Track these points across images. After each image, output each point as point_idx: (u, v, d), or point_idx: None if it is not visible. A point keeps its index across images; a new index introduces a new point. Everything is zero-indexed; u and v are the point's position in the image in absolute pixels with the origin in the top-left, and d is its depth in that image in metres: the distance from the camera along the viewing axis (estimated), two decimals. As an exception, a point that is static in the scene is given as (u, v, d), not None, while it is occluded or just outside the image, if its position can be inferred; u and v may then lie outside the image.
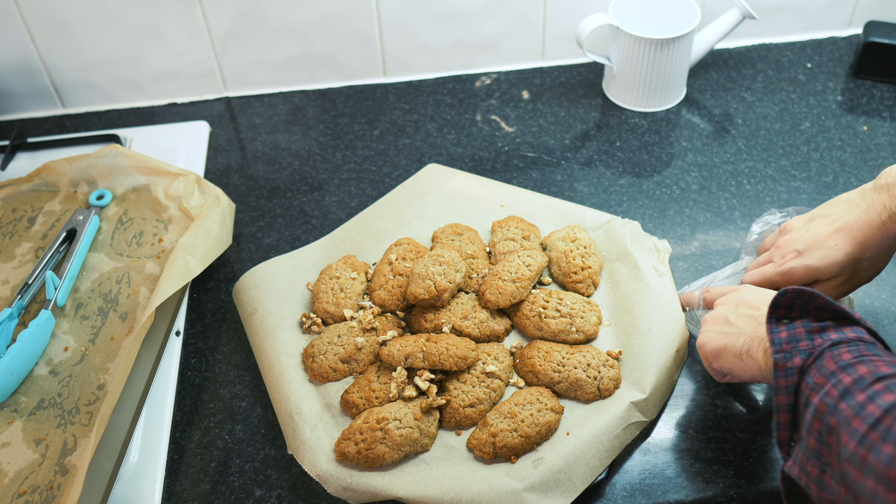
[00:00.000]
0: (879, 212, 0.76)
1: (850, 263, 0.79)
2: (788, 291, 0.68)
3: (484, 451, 0.80)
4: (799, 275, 0.81)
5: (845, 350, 0.64)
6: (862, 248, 0.78)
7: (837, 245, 0.79)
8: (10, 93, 1.22)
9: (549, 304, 0.90)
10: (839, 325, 0.68)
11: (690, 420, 0.85)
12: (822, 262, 0.80)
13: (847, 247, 0.78)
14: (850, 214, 0.78)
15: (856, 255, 0.79)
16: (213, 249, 0.96)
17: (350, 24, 1.19)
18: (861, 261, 0.79)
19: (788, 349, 0.67)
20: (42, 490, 0.79)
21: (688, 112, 1.19)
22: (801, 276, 0.81)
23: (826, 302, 0.68)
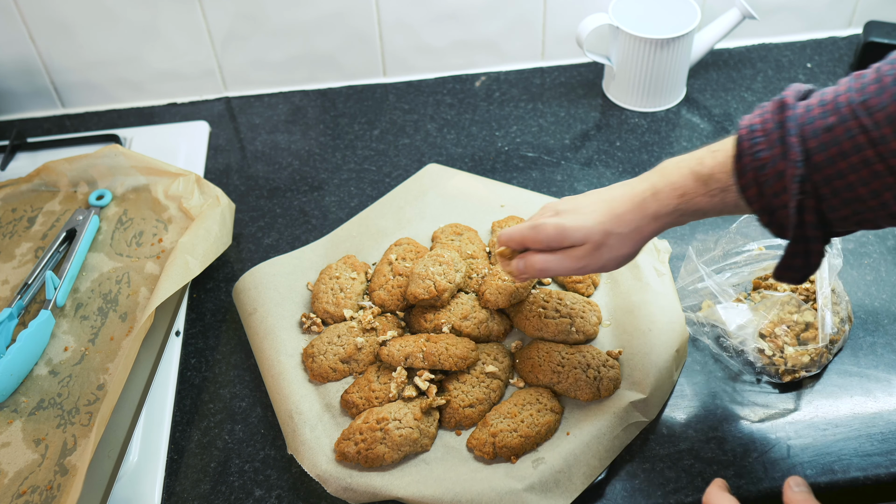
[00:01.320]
0: (644, 189, 0.73)
1: (598, 233, 0.74)
2: None
3: (484, 451, 0.80)
4: (547, 230, 0.76)
5: None
6: (616, 220, 0.73)
7: (594, 212, 0.74)
8: (10, 93, 1.22)
9: (549, 304, 0.90)
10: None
11: (690, 420, 0.85)
12: (572, 223, 0.74)
13: (601, 215, 0.74)
14: (617, 189, 0.75)
15: (606, 227, 0.73)
16: (213, 249, 0.96)
17: (350, 24, 1.19)
18: (611, 234, 0.73)
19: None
20: (42, 490, 0.79)
21: (688, 112, 1.19)
22: (548, 233, 0.75)
23: None
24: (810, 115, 0.63)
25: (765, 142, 0.65)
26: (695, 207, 0.70)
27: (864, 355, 0.89)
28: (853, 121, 0.60)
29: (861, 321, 0.92)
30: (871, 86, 0.60)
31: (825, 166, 0.62)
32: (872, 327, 0.91)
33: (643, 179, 0.73)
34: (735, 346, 0.88)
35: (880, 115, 0.58)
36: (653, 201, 0.72)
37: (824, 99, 0.64)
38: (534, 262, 0.78)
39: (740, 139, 0.66)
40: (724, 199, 0.69)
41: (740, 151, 0.66)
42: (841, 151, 0.60)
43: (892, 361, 0.88)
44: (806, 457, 0.81)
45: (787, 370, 0.86)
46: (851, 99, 0.61)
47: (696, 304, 0.91)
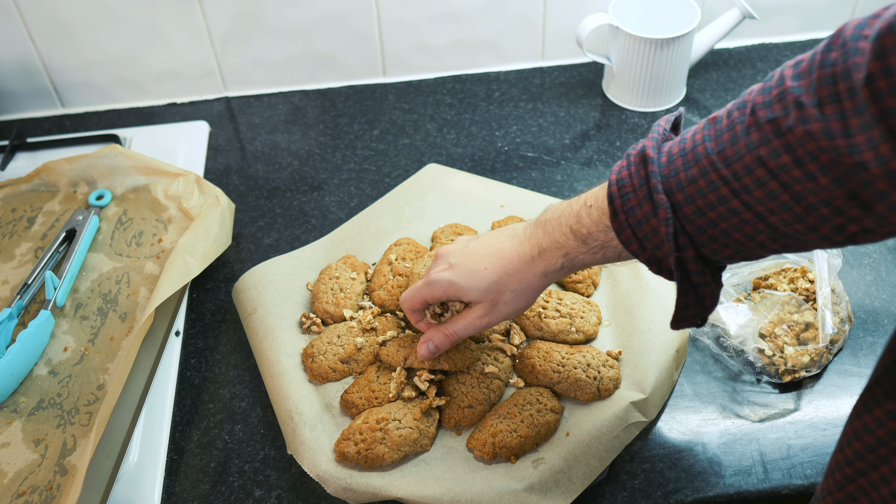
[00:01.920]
0: (532, 246, 0.73)
1: (493, 292, 0.75)
2: None
3: (484, 451, 0.80)
4: (442, 287, 0.77)
5: None
6: (508, 278, 0.74)
7: (486, 269, 0.74)
8: (9, 93, 1.22)
9: (548, 304, 0.90)
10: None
11: (690, 420, 0.85)
12: (466, 280, 0.75)
13: (494, 274, 0.74)
14: (507, 243, 0.75)
15: (500, 285, 0.74)
16: (213, 249, 0.96)
17: (350, 24, 1.19)
18: (504, 292, 0.74)
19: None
20: (42, 490, 0.79)
21: (688, 112, 1.19)
22: (443, 289, 0.77)
23: None
24: (673, 166, 0.63)
25: (634, 198, 0.64)
26: (580, 263, 0.72)
27: (864, 355, 0.89)
28: (713, 173, 0.59)
29: (861, 321, 0.92)
30: (724, 133, 0.59)
31: (695, 217, 0.61)
32: (872, 327, 0.91)
33: (530, 235, 0.74)
34: (735, 346, 0.88)
35: (738, 166, 0.57)
36: (540, 260, 0.73)
37: (684, 147, 0.63)
38: (440, 339, 0.80)
39: (611, 196, 0.66)
40: (605, 254, 0.69)
41: (614, 209, 0.66)
42: (707, 203, 0.60)
43: (891, 361, 0.88)
44: (806, 457, 0.81)
45: (787, 370, 0.86)
46: (708, 149, 0.60)
47: None
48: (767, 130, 0.55)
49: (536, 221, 0.74)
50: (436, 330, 0.81)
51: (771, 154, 0.55)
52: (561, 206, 0.72)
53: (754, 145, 0.56)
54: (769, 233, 0.59)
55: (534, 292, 0.75)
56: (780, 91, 0.56)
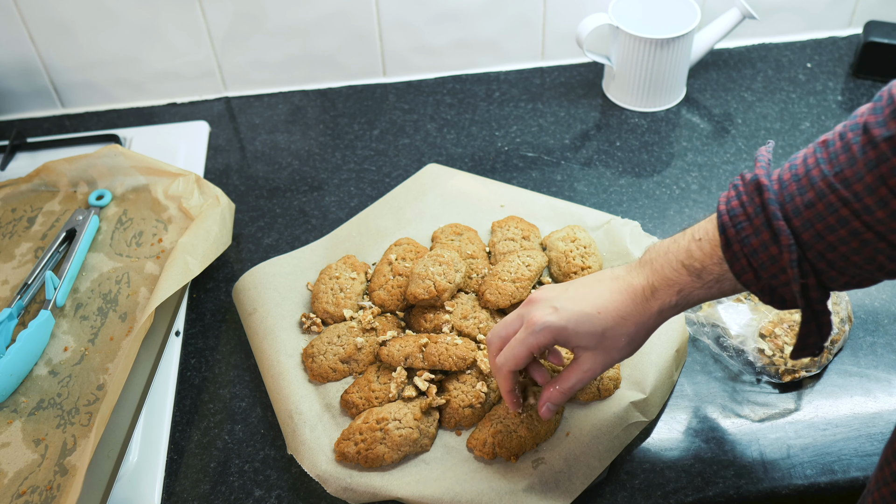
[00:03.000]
0: (644, 287, 0.70)
1: (608, 337, 0.71)
2: None
3: (484, 451, 0.80)
4: (551, 333, 0.71)
5: None
6: (624, 322, 0.71)
7: (600, 313, 0.70)
8: (9, 93, 1.22)
9: (548, 304, 0.90)
10: None
11: (690, 420, 0.85)
12: (578, 326, 0.71)
13: (609, 319, 0.70)
14: (613, 285, 0.71)
15: (616, 330, 0.71)
16: (213, 249, 0.96)
17: (350, 24, 1.19)
18: (620, 337, 0.71)
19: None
20: (42, 490, 0.79)
21: (688, 112, 1.19)
22: (553, 335, 0.71)
23: None
24: (787, 191, 0.62)
25: (749, 227, 0.64)
26: (695, 299, 0.69)
27: (864, 355, 0.89)
28: (832, 195, 0.59)
29: (861, 321, 0.92)
30: (840, 155, 0.59)
31: (815, 242, 0.61)
32: (872, 327, 0.91)
33: (638, 275, 0.71)
34: (735, 346, 0.88)
35: (859, 187, 0.57)
36: (654, 300, 0.70)
37: (797, 173, 0.62)
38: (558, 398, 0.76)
39: (723, 226, 0.65)
40: (720, 287, 0.68)
41: (727, 239, 0.65)
42: (827, 226, 0.60)
43: (892, 361, 0.88)
44: (806, 457, 0.81)
45: (787, 370, 0.86)
46: (824, 172, 0.60)
47: None
48: (884, 148, 0.55)
49: (640, 262, 0.72)
50: (552, 391, 0.76)
51: (892, 171, 0.55)
52: (665, 244, 0.70)
53: (873, 164, 0.56)
54: (889, 252, 0.59)
55: (647, 335, 0.73)
56: (891, 109, 0.56)
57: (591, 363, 0.73)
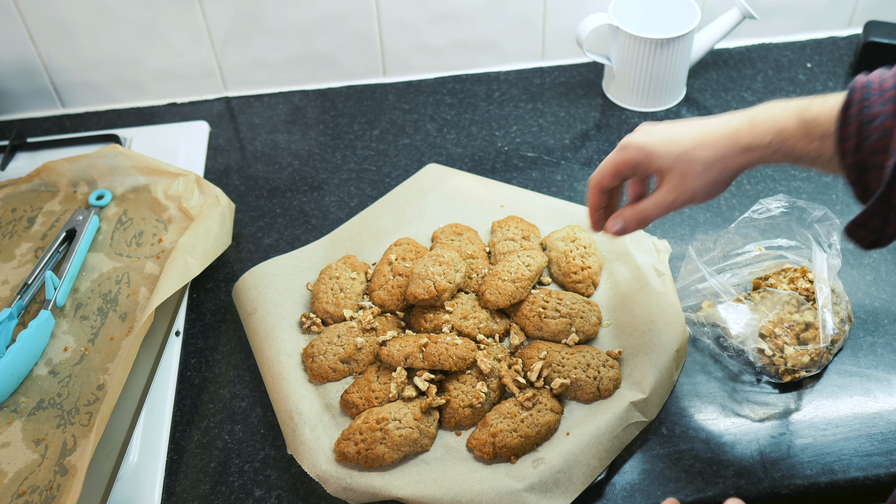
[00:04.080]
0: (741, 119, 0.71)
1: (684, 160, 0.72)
2: None
3: (484, 451, 0.80)
4: (634, 150, 0.75)
5: None
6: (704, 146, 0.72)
7: (683, 135, 0.72)
8: (9, 93, 1.22)
9: (548, 304, 0.90)
10: None
11: (690, 420, 0.85)
12: (660, 145, 0.73)
13: (689, 141, 0.72)
14: (715, 118, 0.73)
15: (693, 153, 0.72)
16: (213, 249, 0.96)
17: (350, 24, 1.19)
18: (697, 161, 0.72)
19: None
20: (42, 490, 0.79)
21: (688, 112, 1.19)
22: (635, 153, 0.74)
23: None
24: None
25: (878, 98, 0.64)
26: (788, 149, 0.69)
27: (864, 355, 0.89)
28: None
29: (861, 321, 0.92)
30: None
31: None
32: (872, 327, 0.91)
33: (742, 113, 0.71)
34: (735, 346, 0.88)
35: None
36: (747, 132, 0.70)
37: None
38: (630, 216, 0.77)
39: (852, 90, 0.66)
40: (820, 147, 0.67)
41: (849, 101, 0.65)
42: None
43: (892, 361, 0.88)
44: (806, 457, 0.81)
45: (787, 370, 0.86)
46: None
47: (697, 304, 0.91)
48: None
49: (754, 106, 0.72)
50: (628, 208, 0.77)
51: None
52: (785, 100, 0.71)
53: None
54: None
55: (725, 169, 0.72)
56: None
57: (667, 189, 0.74)
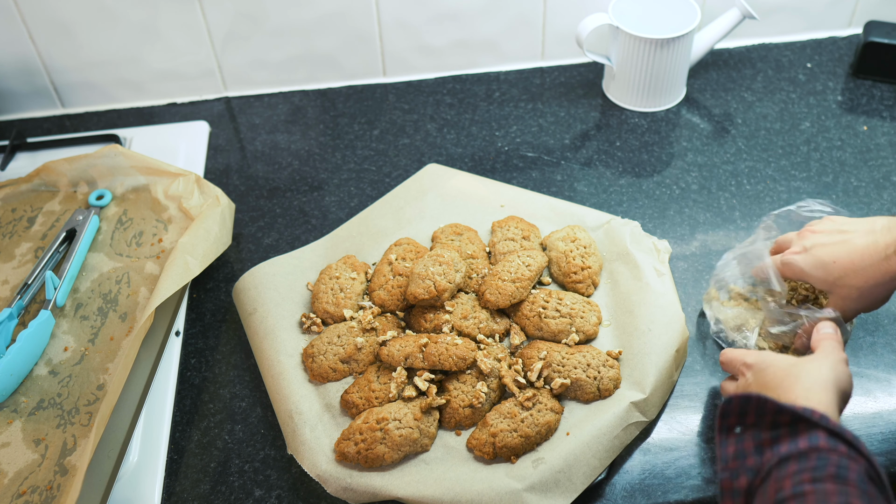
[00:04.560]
0: (886, 245, 0.75)
1: (840, 286, 0.79)
2: (734, 399, 0.65)
3: (484, 451, 0.80)
4: (794, 271, 0.82)
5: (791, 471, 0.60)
6: (855, 276, 0.77)
7: (835, 262, 0.78)
8: (9, 93, 1.22)
9: (548, 304, 0.90)
10: (795, 431, 0.63)
11: (690, 420, 0.85)
12: (814, 270, 0.80)
13: (840, 269, 0.78)
14: (861, 239, 0.77)
15: (846, 281, 0.78)
16: (213, 249, 0.96)
17: (350, 24, 1.19)
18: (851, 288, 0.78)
19: (735, 466, 0.64)
20: (42, 490, 0.79)
21: (688, 112, 1.19)
22: (795, 274, 0.82)
23: (779, 406, 0.63)
24: None
25: None
26: None
27: (864, 355, 0.89)
28: None
29: (861, 321, 0.92)
30: None
31: None
32: (872, 327, 0.91)
33: (889, 232, 0.75)
34: (736, 346, 0.88)
35: None
36: (893, 260, 0.75)
37: None
38: None
39: None
40: None
41: None
42: None
43: (892, 361, 0.88)
44: (806, 457, 0.81)
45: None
46: None
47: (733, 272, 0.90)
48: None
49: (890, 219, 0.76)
50: None
51: None
52: None
53: None
54: None
55: (884, 291, 0.77)
56: None
57: (834, 302, 0.80)
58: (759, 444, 0.63)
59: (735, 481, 0.63)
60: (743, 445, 0.64)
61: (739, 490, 0.63)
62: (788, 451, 0.61)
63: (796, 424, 0.63)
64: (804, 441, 0.61)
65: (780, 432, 0.63)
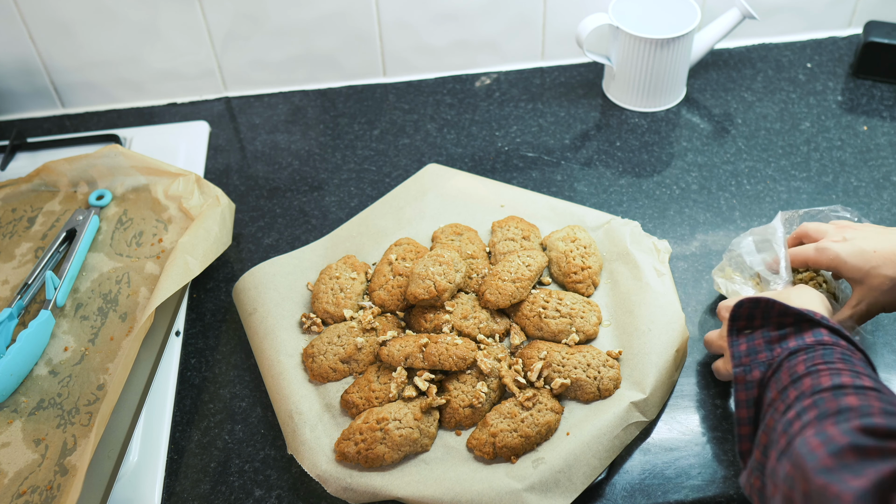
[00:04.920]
0: None
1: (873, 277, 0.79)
2: (745, 302, 0.70)
3: (484, 451, 0.80)
4: (829, 257, 0.81)
5: (801, 359, 0.66)
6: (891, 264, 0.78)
7: (875, 252, 0.79)
8: (10, 93, 1.22)
9: (549, 304, 0.90)
10: (800, 329, 0.69)
11: (690, 420, 0.85)
12: (852, 258, 0.79)
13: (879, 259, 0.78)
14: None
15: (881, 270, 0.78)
16: (213, 249, 0.96)
17: (350, 24, 1.19)
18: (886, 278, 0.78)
19: (748, 362, 0.69)
20: (42, 490, 0.79)
21: (688, 112, 1.19)
22: (830, 260, 0.81)
23: (785, 307, 0.69)
24: None
25: None
26: None
27: (864, 355, 0.89)
28: None
29: (861, 321, 0.92)
30: None
31: None
32: (872, 327, 0.91)
33: None
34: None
35: None
36: None
37: None
38: None
39: None
40: None
41: None
42: None
43: (892, 361, 0.88)
44: (806, 457, 0.81)
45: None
46: None
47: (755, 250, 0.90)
48: None
49: None
50: None
51: None
52: None
53: None
54: None
55: None
56: None
57: (857, 297, 0.81)
58: (769, 341, 0.69)
59: (748, 374, 0.69)
60: (754, 343, 0.70)
61: (752, 381, 0.68)
62: (797, 345, 0.67)
63: (800, 324, 0.69)
64: (810, 336, 0.67)
65: (786, 331, 0.69)
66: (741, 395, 0.68)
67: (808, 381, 0.63)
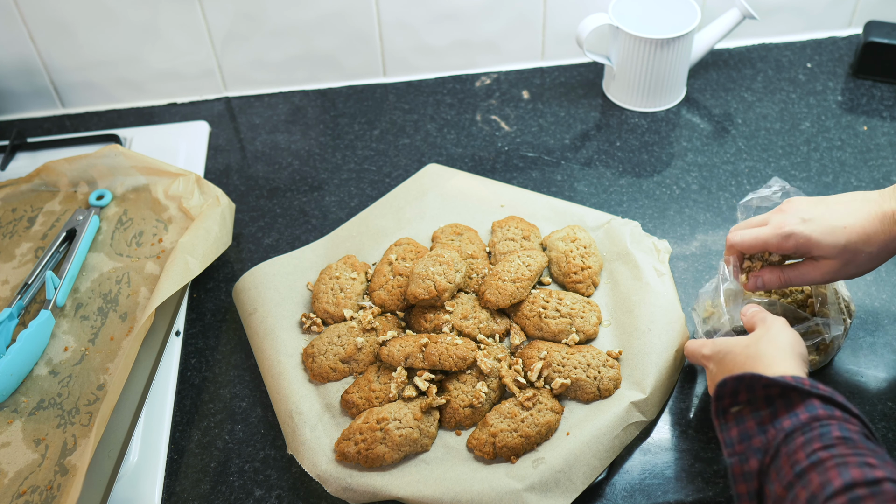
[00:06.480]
0: (893, 213, 0.75)
1: (849, 251, 0.76)
2: (728, 380, 0.67)
3: (484, 451, 0.80)
4: (797, 241, 0.77)
5: (799, 443, 0.62)
6: (866, 240, 0.76)
7: (846, 228, 0.76)
8: (10, 93, 1.22)
9: (549, 304, 0.90)
10: (790, 403, 0.65)
11: (690, 420, 0.85)
12: (825, 237, 0.76)
13: (854, 234, 0.75)
14: (863, 207, 0.77)
15: (858, 246, 0.76)
16: (213, 249, 0.96)
17: (350, 24, 1.19)
18: (860, 253, 0.76)
19: (742, 450, 0.65)
20: (42, 490, 0.79)
21: (688, 112, 1.19)
22: (798, 243, 0.77)
23: (770, 380, 0.65)
24: None
25: None
26: None
27: (864, 355, 0.89)
28: None
29: (861, 321, 0.92)
30: None
31: None
32: (872, 327, 0.91)
33: (891, 199, 0.76)
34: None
35: None
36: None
37: None
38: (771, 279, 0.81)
39: None
40: None
41: None
42: None
43: (892, 361, 0.88)
44: (806, 457, 0.81)
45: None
46: None
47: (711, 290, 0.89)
48: None
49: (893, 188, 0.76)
50: (772, 272, 0.81)
51: None
52: None
53: None
54: None
55: (889, 256, 0.77)
56: None
57: (829, 268, 0.78)
58: (761, 422, 0.65)
59: (745, 464, 0.64)
60: (745, 426, 0.66)
61: (751, 472, 0.64)
62: (792, 424, 0.63)
63: (788, 395, 0.65)
64: (803, 412, 0.63)
65: (776, 406, 0.65)
66: (741, 488, 0.65)
67: (816, 479, 0.58)
